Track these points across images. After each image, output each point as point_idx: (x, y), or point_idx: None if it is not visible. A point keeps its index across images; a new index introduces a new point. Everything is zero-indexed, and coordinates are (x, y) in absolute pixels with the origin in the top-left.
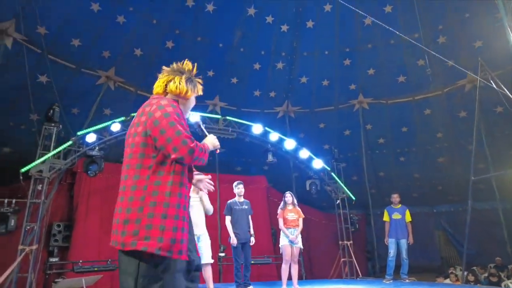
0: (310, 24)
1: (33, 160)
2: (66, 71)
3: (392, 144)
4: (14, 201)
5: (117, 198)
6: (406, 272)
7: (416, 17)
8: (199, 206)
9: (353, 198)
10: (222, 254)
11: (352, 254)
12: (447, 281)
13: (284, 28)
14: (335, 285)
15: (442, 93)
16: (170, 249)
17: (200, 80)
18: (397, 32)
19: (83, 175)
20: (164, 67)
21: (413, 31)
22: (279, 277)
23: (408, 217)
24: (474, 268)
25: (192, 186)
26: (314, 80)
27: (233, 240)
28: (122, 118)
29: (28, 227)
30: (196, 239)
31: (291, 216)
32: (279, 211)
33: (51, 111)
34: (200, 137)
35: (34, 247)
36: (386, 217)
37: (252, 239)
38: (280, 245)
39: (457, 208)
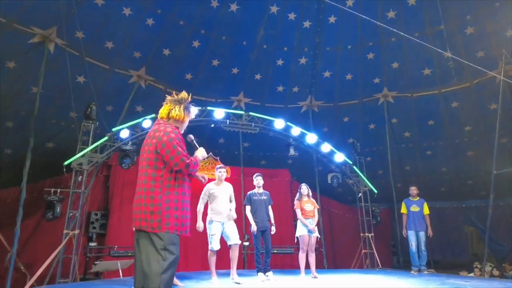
0: (332, 19)
1: (74, 154)
2: (101, 71)
3: (418, 137)
4: (59, 190)
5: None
6: (425, 264)
7: (443, 9)
8: (222, 196)
9: (375, 191)
10: (246, 243)
11: (373, 246)
12: (471, 275)
13: (307, 24)
14: (357, 275)
15: (471, 85)
16: (182, 229)
17: (194, 109)
18: (404, 34)
19: (118, 168)
20: (167, 97)
21: (438, 23)
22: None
23: (426, 210)
24: (504, 264)
25: (216, 179)
26: (338, 75)
27: (253, 227)
28: (153, 115)
29: (71, 214)
30: (220, 225)
31: (308, 206)
32: (295, 202)
33: (89, 109)
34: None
35: (76, 232)
36: (403, 209)
37: (273, 228)
38: (297, 235)
39: (488, 203)
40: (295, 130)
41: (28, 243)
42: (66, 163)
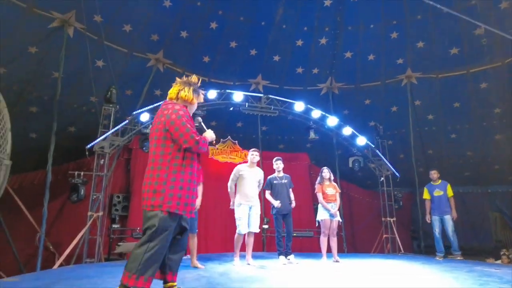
0: None
1: (95, 138)
2: (120, 55)
3: (443, 120)
4: (82, 173)
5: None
6: (457, 248)
7: None
8: (251, 179)
9: (398, 175)
10: (266, 226)
11: (395, 230)
12: (498, 262)
13: (327, 2)
14: (379, 260)
15: (503, 65)
16: (185, 209)
17: (203, 91)
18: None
19: (139, 151)
20: (177, 79)
21: None
22: (319, 250)
23: (450, 192)
24: None
25: (248, 162)
26: (359, 55)
27: (277, 203)
28: None
29: (94, 197)
30: (248, 208)
31: (330, 191)
32: (317, 186)
33: (109, 93)
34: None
35: (100, 213)
36: (426, 195)
37: (293, 204)
38: (318, 219)
39: None
40: (316, 113)
41: (55, 224)
42: (88, 146)
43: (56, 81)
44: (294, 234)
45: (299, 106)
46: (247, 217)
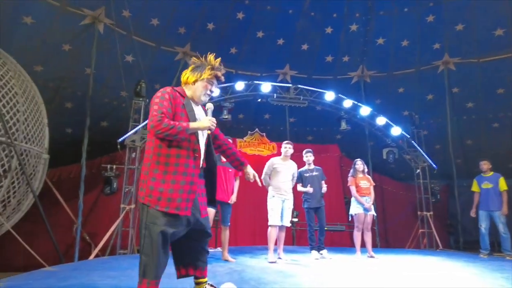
0: None
1: (127, 132)
2: (148, 49)
3: (484, 108)
4: (114, 167)
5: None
6: (509, 248)
7: None
8: (285, 173)
9: (435, 166)
10: (295, 220)
11: (431, 225)
12: None
13: None
14: (417, 256)
15: None
16: (167, 205)
17: (219, 71)
18: None
19: None
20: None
21: None
22: (352, 244)
23: (502, 186)
24: None
25: (282, 155)
26: (392, 41)
27: (309, 189)
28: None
29: (126, 189)
30: (281, 201)
31: (363, 184)
32: (350, 178)
33: (139, 87)
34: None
35: (132, 206)
36: (475, 187)
37: (324, 188)
38: (351, 213)
39: None
40: (347, 102)
41: (90, 215)
42: (119, 140)
43: (89, 77)
44: (326, 228)
45: (329, 95)
46: (280, 209)
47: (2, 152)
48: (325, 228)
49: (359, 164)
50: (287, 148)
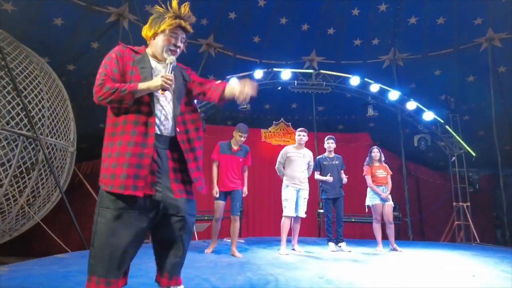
0: None
1: None
2: None
3: None
4: None
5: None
6: None
7: None
8: (299, 162)
9: (473, 154)
10: (321, 211)
11: (468, 217)
12: None
13: None
14: (447, 251)
15: None
16: (111, 184)
17: (183, 20)
18: None
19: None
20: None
21: None
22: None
23: None
24: None
25: (296, 143)
26: (426, 20)
27: (329, 178)
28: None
29: None
30: (295, 191)
31: (380, 173)
32: (365, 167)
33: None
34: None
35: None
36: None
37: (344, 180)
38: (368, 204)
39: None
40: (374, 87)
41: None
42: None
43: None
44: (352, 220)
45: (354, 80)
46: (295, 199)
47: (29, 146)
48: (352, 219)
49: (376, 152)
50: (301, 135)
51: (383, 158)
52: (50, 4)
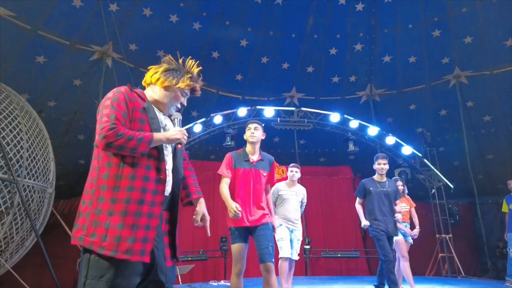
0: None
1: None
2: None
3: (503, 121)
4: None
5: None
6: None
7: None
8: (292, 200)
9: (451, 186)
10: (308, 247)
11: (452, 249)
12: None
13: (359, 7)
14: (434, 286)
15: None
16: (115, 248)
17: (197, 83)
18: None
19: None
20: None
21: None
22: (370, 272)
23: None
24: None
25: (288, 180)
26: (399, 58)
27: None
28: (203, 119)
29: None
30: (289, 232)
31: (402, 207)
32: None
33: None
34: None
35: None
36: (505, 208)
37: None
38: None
39: None
40: (354, 123)
41: None
42: None
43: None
44: (339, 255)
45: (334, 117)
46: (289, 238)
47: (4, 189)
48: (338, 255)
49: (400, 184)
50: (293, 172)
51: (406, 191)
52: (34, 42)
